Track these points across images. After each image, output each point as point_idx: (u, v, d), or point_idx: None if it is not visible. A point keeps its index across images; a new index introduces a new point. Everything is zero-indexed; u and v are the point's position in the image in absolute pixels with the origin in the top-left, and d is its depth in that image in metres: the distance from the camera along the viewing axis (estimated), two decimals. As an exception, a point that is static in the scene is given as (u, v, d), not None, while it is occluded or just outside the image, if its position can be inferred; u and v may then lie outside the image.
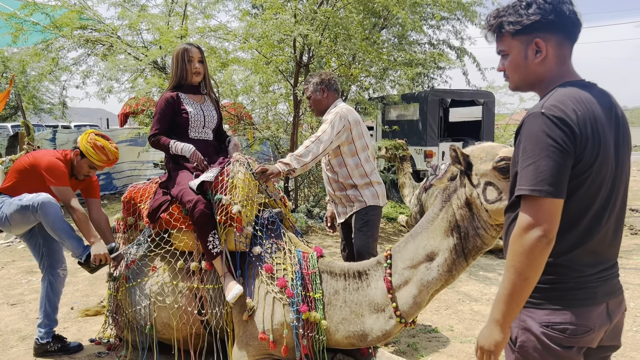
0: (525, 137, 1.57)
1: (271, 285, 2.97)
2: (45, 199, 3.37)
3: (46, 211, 3.36)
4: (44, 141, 10.35)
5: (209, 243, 3.03)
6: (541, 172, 1.51)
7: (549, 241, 1.52)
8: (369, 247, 3.67)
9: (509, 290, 1.57)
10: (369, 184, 3.75)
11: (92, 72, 8.26)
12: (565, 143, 1.52)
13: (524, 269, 1.53)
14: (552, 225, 1.52)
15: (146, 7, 8.50)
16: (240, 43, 7.65)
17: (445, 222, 2.49)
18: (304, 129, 9.27)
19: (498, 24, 1.73)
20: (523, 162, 1.56)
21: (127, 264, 3.39)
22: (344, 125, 3.54)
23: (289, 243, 3.16)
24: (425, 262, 2.60)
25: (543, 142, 1.52)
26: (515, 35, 1.69)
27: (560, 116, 1.53)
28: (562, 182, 1.52)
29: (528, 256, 1.52)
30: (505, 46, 1.74)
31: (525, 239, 1.52)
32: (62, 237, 3.43)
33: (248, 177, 3.17)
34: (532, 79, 1.73)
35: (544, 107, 1.56)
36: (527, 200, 1.54)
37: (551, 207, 1.51)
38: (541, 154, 1.52)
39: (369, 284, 2.86)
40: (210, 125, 3.46)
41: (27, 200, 3.40)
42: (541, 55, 1.67)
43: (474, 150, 2.31)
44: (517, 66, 1.73)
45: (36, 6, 7.78)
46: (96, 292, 5.23)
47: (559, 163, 1.51)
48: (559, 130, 1.52)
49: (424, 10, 8.67)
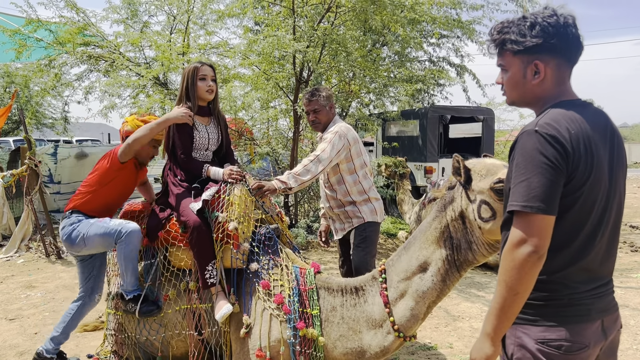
0: (519, 154, 1.59)
1: (268, 301, 2.96)
2: (136, 228, 3.26)
3: (130, 240, 3.25)
4: (45, 156, 10.38)
5: (206, 272, 3.01)
6: (533, 189, 1.53)
7: (540, 257, 1.53)
8: (366, 263, 3.67)
9: (500, 305, 1.58)
10: (367, 200, 3.76)
11: (94, 88, 8.31)
12: (557, 161, 1.54)
13: (514, 283, 1.54)
14: (543, 241, 1.53)
15: (148, 24, 8.59)
16: (241, 59, 7.72)
17: (438, 231, 2.46)
18: (304, 144, 9.31)
19: (501, 40, 1.75)
20: (516, 178, 1.58)
21: None
22: (343, 144, 3.57)
23: (286, 259, 3.15)
24: (419, 273, 2.58)
25: (536, 160, 1.55)
26: (517, 54, 1.72)
27: (554, 134, 1.55)
28: (553, 199, 1.54)
29: (519, 271, 1.53)
30: (506, 62, 1.77)
31: (516, 254, 1.54)
32: (128, 268, 3.28)
33: (244, 194, 3.17)
34: (529, 97, 1.76)
35: (537, 125, 1.59)
36: (519, 216, 1.56)
37: (542, 224, 1.53)
38: (534, 171, 1.54)
39: (366, 300, 2.84)
40: (212, 147, 3.45)
41: (115, 225, 3.28)
42: (539, 77, 1.70)
43: (476, 164, 2.28)
44: (515, 84, 1.76)
45: (40, 23, 7.88)
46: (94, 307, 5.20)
47: (551, 180, 1.53)
48: (552, 148, 1.54)
49: (423, 27, 8.76)
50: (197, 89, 3.29)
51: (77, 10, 8.00)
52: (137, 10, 8.34)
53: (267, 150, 8.22)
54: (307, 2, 7.25)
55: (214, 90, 3.36)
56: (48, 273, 6.61)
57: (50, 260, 7.23)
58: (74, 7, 7.95)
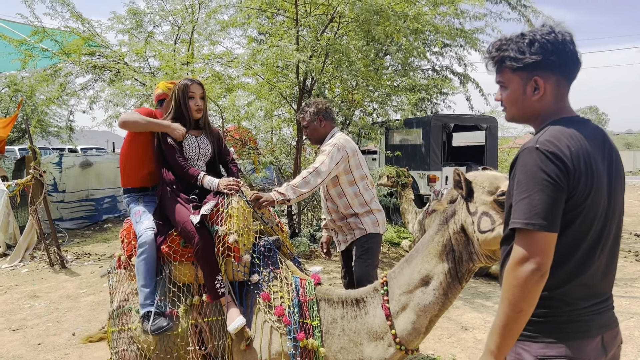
0: (520, 171, 1.60)
1: (269, 314, 2.95)
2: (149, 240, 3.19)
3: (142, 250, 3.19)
4: (50, 165, 10.44)
5: (216, 282, 3.01)
6: (535, 206, 1.53)
7: (543, 274, 1.53)
8: (368, 274, 3.67)
9: (503, 322, 1.58)
10: (369, 212, 3.76)
11: (99, 97, 8.37)
12: (559, 178, 1.54)
13: (517, 301, 1.54)
14: (546, 259, 1.53)
15: (153, 34, 8.66)
16: (245, 69, 7.76)
17: (440, 245, 2.47)
18: (307, 153, 9.33)
19: (500, 58, 1.75)
20: (517, 195, 1.59)
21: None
22: (342, 156, 3.57)
23: (286, 270, 3.16)
24: (421, 287, 2.57)
25: (537, 177, 1.55)
26: (516, 71, 1.72)
27: (554, 151, 1.56)
28: (555, 216, 1.54)
29: (522, 289, 1.53)
30: (505, 79, 1.77)
31: (519, 271, 1.54)
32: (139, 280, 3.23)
33: (242, 205, 3.17)
34: (528, 113, 1.77)
35: (538, 142, 1.59)
36: (521, 234, 1.56)
37: (545, 241, 1.53)
38: (535, 188, 1.55)
39: (367, 312, 2.83)
40: (203, 157, 3.44)
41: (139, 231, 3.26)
42: (539, 93, 1.71)
43: (477, 177, 2.30)
44: (515, 100, 1.77)
45: (46, 33, 7.95)
46: (98, 317, 5.22)
47: (553, 197, 1.53)
48: (553, 165, 1.55)
49: (426, 37, 8.78)
50: (188, 107, 3.31)
51: (82, 20, 8.08)
52: (142, 20, 8.42)
53: (271, 160, 8.23)
54: (311, 12, 7.29)
55: (202, 109, 3.37)
56: (52, 283, 6.63)
57: (55, 270, 7.25)
58: (79, 18, 8.04)
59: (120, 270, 3.62)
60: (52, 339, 4.70)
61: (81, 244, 9.27)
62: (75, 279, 6.79)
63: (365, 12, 6.50)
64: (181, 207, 3.24)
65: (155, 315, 3.15)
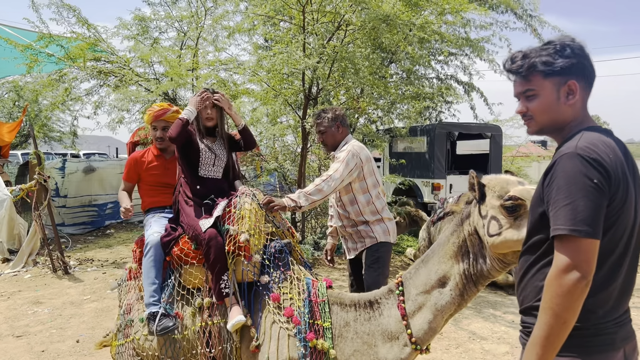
0: (560, 177, 1.56)
1: (278, 315, 2.93)
2: (152, 241, 3.32)
3: (147, 251, 3.31)
4: (53, 170, 10.42)
5: (221, 282, 3.01)
6: (580, 212, 1.50)
7: (588, 283, 1.49)
8: (379, 283, 3.62)
9: (546, 333, 1.53)
10: (380, 220, 3.74)
11: (103, 102, 8.36)
12: (602, 184, 1.52)
13: (562, 311, 1.50)
14: (591, 267, 1.50)
15: (159, 40, 8.66)
16: (250, 76, 7.76)
17: (456, 246, 2.47)
18: (311, 160, 9.31)
19: (530, 64, 1.71)
20: (558, 201, 1.54)
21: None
22: (356, 163, 3.56)
23: (297, 272, 3.13)
24: (438, 287, 2.57)
25: (580, 182, 1.52)
26: (548, 76, 1.69)
27: (596, 157, 1.54)
28: (599, 222, 1.51)
29: (567, 298, 1.49)
30: (536, 86, 1.73)
31: (564, 280, 1.49)
32: (144, 279, 3.32)
33: (255, 207, 3.18)
34: (560, 121, 1.73)
35: (577, 148, 1.57)
36: (565, 241, 1.51)
37: (589, 248, 1.50)
38: (578, 194, 1.51)
39: (381, 313, 2.80)
40: (220, 163, 3.47)
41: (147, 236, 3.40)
42: (574, 98, 1.69)
43: (491, 181, 2.30)
44: (548, 107, 1.72)
45: (51, 38, 7.96)
46: (102, 324, 5.17)
47: (597, 203, 1.51)
48: (596, 171, 1.52)
49: (431, 45, 8.78)
50: (200, 116, 3.38)
51: (88, 26, 8.09)
52: (147, 26, 8.42)
53: (275, 166, 8.21)
54: (318, 19, 7.29)
55: (214, 118, 3.41)
56: (55, 289, 6.58)
57: (58, 276, 7.20)
58: (85, 23, 8.04)
59: (130, 282, 3.64)
60: (55, 346, 4.65)
61: (84, 250, 9.23)
62: (78, 285, 6.75)
63: (374, 20, 6.50)
64: (193, 210, 3.26)
65: (161, 316, 3.15)
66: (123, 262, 8.11)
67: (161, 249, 3.32)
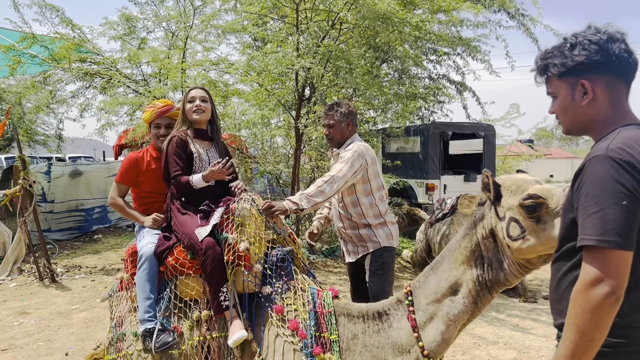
0: (589, 181, 1.44)
1: (282, 328, 2.77)
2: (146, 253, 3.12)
3: (141, 264, 3.12)
4: (38, 174, 10.14)
5: (221, 294, 2.84)
6: (609, 221, 1.38)
7: (618, 298, 1.37)
8: (385, 291, 3.48)
9: (571, 351, 1.41)
10: (383, 224, 3.60)
11: (90, 105, 8.12)
12: (635, 189, 1.40)
13: (589, 328, 1.37)
14: (622, 281, 1.37)
15: (146, 41, 8.44)
16: (241, 76, 7.58)
17: (468, 251, 2.35)
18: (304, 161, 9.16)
19: (544, 66, 1.68)
20: (587, 208, 1.42)
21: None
22: (361, 164, 3.42)
23: (301, 281, 2.97)
24: (450, 295, 2.44)
25: (611, 188, 1.40)
26: (561, 77, 1.63)
27: (629, 160, 1.42)
28: (631, 232, 1.39)
29: (594, 314, 1.37)
30: (553, 88, 1.68)
31: (591, 294, 1.37)
32: (138, 294, 3.13)
33: (254, 213, 3.01)
34: (582, 121, 1.65)
35: (609, 149, 1.45)
36: (593, 252, 1.39)
37: (620, 260, 1.37)
38: (609, 200, 1.39)
39: (391, 325, 2.67)
40: None
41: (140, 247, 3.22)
42: (588, 97, 1.60)
43: (506, 180, 2.20)
44: (565, 108, 1.66)
45: (35, 39, 7.71)
46: (92, 335, 4.96)
47: (629, 211, 1.38)
48: (629, 175, 1.40)
49: (424, 45, 8.68)
50: (186, 111, 3.25)
51: (72, 26, 7.84)
52: (134, 26, 8.20)
53: (269, 169, 8.04)
54: (312, 18, 7.14)
55: (204, 111, 3.27)
56: (42, 298, 6.34)
57: (44, 284, 6.95)
58: (69, 24, 7.79)
59: (122, 293, 3.47)
60: (43, 359, 4.44)
61: (71, 256, 8.97)
62: (66, 293, 6.51)
63: (370, 19, 6.36)
64: (188, 218, 3.10)
65: (158, 331, 2.97)
66: (112, 269, 7.88)
67: (156, 261, 3.15)
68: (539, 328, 5.11)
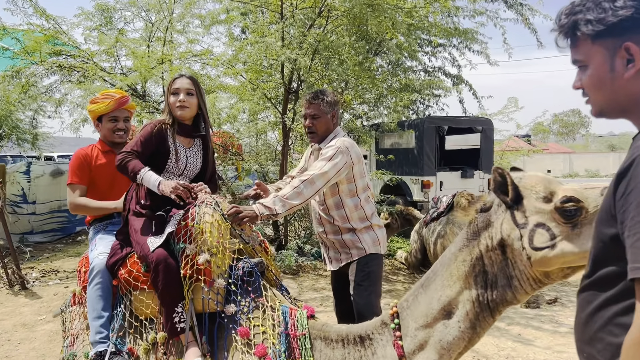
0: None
1: (247, 354, 2.38)
2: (98, 266, 2.79)
3: (92, 277, 2.79)
4: (17, 174, 9.72)
5: (175, 315, 2.44)
6: None
7: None
8: (372, 305, 3.08)
9: None
10: (369, 228, 3.20)
11: (65, 100, 7.67)
12: None
13: None
14: None
15: (124, 32, 8.00)
16: (225, 68, 7.16)
17: (467, 265, 1.97)
18: (293, 158, 8.75)
19: (572, 24, 1.21)
20: (636, 226, 1.01)
21: None
22: (345, 162, 3.00)
23: (271, 298, 2.55)
24: (443, 319, 2.06)
25: None
26: (597, 38, 1.18)
27: None
28: None
29: None
30: (583, 54, 1.22)
31: None
32: (89, 312, 2.80)
33: (217, 220, 2.58)
34: (622, 100, 1.20)
35: None
36: None
37: None
38: None
39: (375, 352, 2.26)
40: (188, 174, 2.89)
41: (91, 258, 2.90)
42: (635, 67, 1.15)
43: (525, 179, 1.83)
44: (600, 82, 1.21)
45: (5, 31, 7.27)
46: (54, 351, 4.53)
47: None
48: None
49: (418, 36, 8.30)
50: (170, 104, 2.81)
51: (46, 17, 7.40)
52: (111, 17, 7.76)
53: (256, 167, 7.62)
54: (297, 6, 6.71)
55: (189, 106, 2.80)
56: (8, 307, 5.90)
57: (14, 292, 6.52)
58: (43, 14, 7.35)
59: (75, 308, 3.08)
60: (-2, 378, 4.03)
61: (50, 259, 8.53)
62: (35, 302, 6.08)
63: (359, 5, 5.94)
64: (143, 224, 2.68)
65: (111, 354, 2.62)
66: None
67: (109, 274, 2.78)
68: (543, 338, 4.71)
